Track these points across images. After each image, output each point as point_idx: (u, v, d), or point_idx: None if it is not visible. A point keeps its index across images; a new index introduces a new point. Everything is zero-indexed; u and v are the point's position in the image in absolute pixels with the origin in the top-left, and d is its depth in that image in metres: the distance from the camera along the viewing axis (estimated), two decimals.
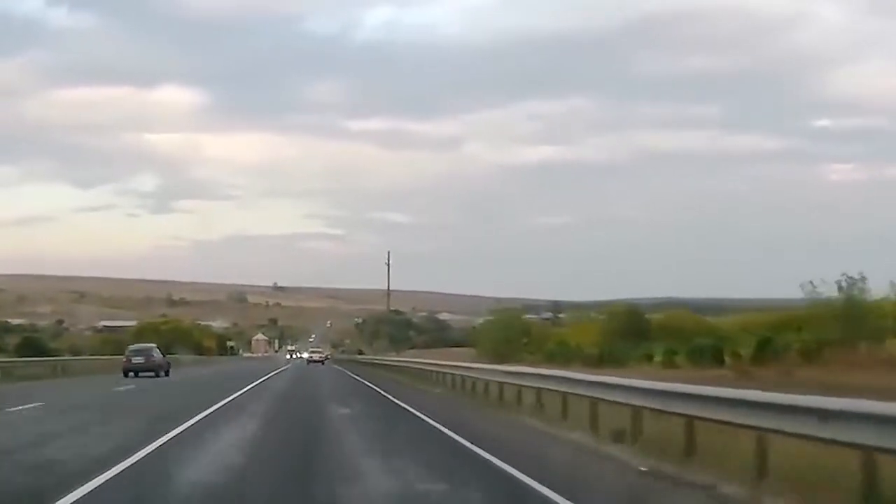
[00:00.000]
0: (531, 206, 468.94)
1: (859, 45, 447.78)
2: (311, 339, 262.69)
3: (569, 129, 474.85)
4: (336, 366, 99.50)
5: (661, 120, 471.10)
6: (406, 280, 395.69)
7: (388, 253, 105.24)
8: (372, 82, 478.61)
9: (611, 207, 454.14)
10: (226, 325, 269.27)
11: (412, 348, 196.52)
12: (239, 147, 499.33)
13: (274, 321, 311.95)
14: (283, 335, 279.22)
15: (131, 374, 57.20)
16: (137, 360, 59.22)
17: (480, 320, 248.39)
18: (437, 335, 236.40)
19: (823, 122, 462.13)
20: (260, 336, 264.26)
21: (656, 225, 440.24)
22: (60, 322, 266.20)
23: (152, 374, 57.51)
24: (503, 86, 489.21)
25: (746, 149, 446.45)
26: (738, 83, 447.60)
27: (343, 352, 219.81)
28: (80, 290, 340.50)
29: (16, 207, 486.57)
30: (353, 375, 63.61)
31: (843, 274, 60.50)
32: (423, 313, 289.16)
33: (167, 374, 60.32)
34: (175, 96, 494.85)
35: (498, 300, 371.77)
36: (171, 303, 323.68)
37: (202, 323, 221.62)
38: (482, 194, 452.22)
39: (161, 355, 63.22)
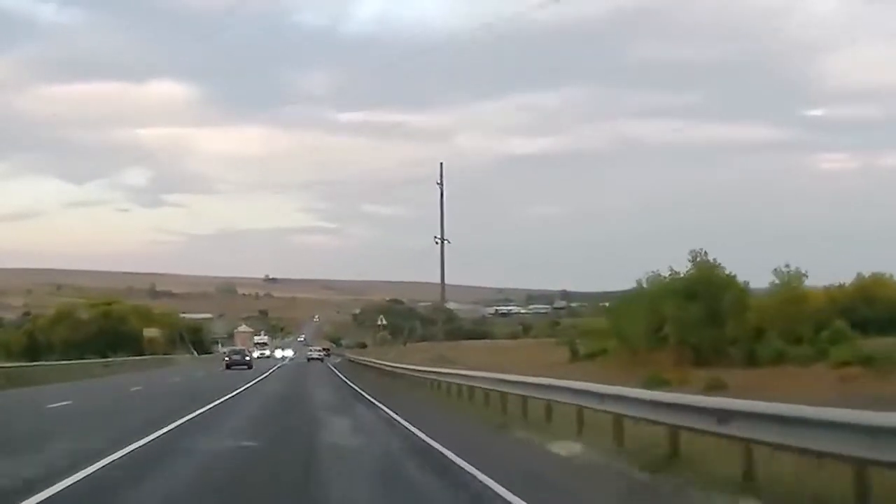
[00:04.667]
0: (526, 197, 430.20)
1: (853, 33, 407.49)
2: (300, 339, 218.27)
3: (561, 119, 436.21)
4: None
5: (652, 110, 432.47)
6: (403, 271, 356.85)
7: (441, 181, 58.61)
8: (363, 74, 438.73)
9: (604, 197, 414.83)
10: (210, 316, 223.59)
11: (422, 340, 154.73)
12: (230, 141, 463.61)
13: (264, 312, 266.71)
14: (271, 327, 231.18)
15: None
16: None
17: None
18: (447, 326, 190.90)
19: (817, 112, 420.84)
20: (243, 328, 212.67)
21: (651, 213, 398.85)
22: (27, 314, 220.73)
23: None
24: (495, 77, 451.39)
25: (740, 138, 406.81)
26: (732, 72, 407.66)
27: (341, 345, 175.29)
28: (59, 283, 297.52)
29: (6, 202, 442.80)
30: None
31: None
32: (427, 303, 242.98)
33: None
34: (166, 91, 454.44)
35: (500, 290, 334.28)
36: (155, 294, 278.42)
37: (188, 316, 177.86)
38: (476, 186, 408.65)
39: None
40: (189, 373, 61.26)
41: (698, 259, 44.51)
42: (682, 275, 44.67)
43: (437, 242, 55.99)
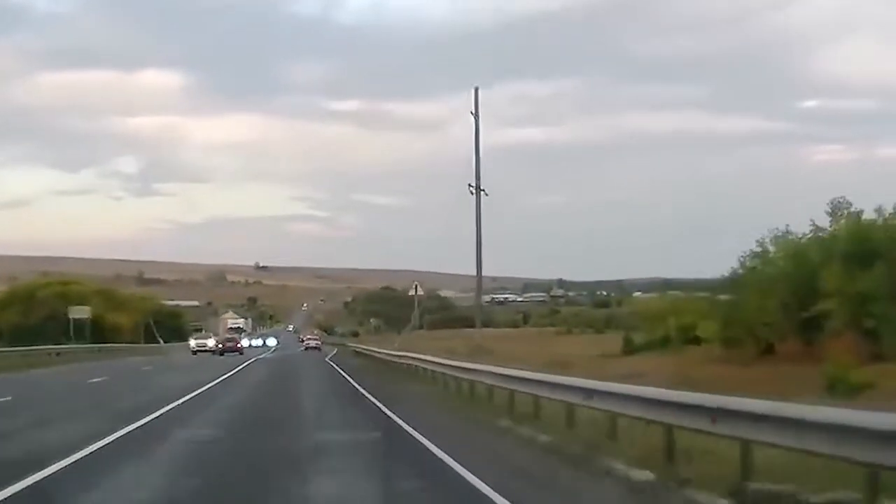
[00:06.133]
0: (521, 187, 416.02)
1: (848, 25, 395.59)
2: (289, 328, 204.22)
3: (556, 110, 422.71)
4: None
5: (649, 101, 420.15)
6: (395, 260, 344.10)
7: (475, 110, 43.66)
8: (356, 64, 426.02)
9: (599, 189, 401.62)
10: (197, 303, 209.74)
11: (420, 328, 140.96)
12: (223, 129, 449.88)
13: (253, 300, 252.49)
14: (259, 314, 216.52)
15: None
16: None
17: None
18: (444, 314, 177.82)
19: (811, 104, 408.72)
20: (229, 314, 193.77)
21: (645, 206, 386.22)
22: None
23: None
24: (489, 66, 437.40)
25: (735, 130, 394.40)
26: (728, 64, 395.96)
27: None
28: (43, 270, 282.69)
29: None
30: None
31: None
32: (420, 292, 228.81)
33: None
34: (158, 79, 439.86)
35: (494, 279, 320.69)
36: (143, 281, 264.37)
37: (172, 302, 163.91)
38: (470, 175, 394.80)
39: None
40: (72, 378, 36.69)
41: (840, 213, 30.91)
42: (827, 232, 31.07)
43: (471, 192, 42.58)
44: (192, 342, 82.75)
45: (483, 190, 42.61)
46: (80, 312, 71.12)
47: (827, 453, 8.67)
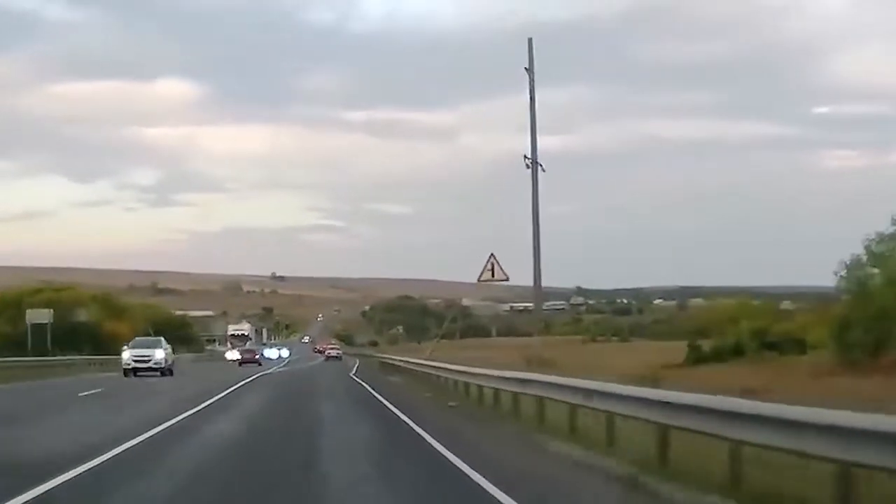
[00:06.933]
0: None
1: (860, 31, 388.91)
2: (304, 339, 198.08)
3: (569, 118, 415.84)
4: None
5: (662, 108, 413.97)
6: (412, 269, 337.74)
7: (530, 67, 35.75)
8: (369, 73, 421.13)
9: (616, 196, 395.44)
10: (212, 313, 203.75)
11: (442, 338, 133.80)
12: (238, 139, 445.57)
13: (269, 310, 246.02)
14: (275, 324, 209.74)
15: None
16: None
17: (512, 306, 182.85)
18: (464, 322, 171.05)
19: (823, 109, 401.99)
20: (238, 326, 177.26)
21: (662, 213, 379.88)
22: None
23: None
24: (502, 74, 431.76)
25: (752, 136, 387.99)
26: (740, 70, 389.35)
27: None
28: (54, 280, 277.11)
29: (14, 202, 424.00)
30: None
31: None
32: (437, 300, 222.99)
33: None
34: (173, 89, 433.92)
35: (511, 288, 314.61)
36: (157, 291, 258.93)
37: (183, 312, 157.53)
38: (485, 183, 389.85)
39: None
40: None
41: None
42: None
43: (527, 166, 36.00)
44: (126, 353, 48.52)
45: (540, 164, 35.85)
46: (39, 317, 62.00)
47: None
